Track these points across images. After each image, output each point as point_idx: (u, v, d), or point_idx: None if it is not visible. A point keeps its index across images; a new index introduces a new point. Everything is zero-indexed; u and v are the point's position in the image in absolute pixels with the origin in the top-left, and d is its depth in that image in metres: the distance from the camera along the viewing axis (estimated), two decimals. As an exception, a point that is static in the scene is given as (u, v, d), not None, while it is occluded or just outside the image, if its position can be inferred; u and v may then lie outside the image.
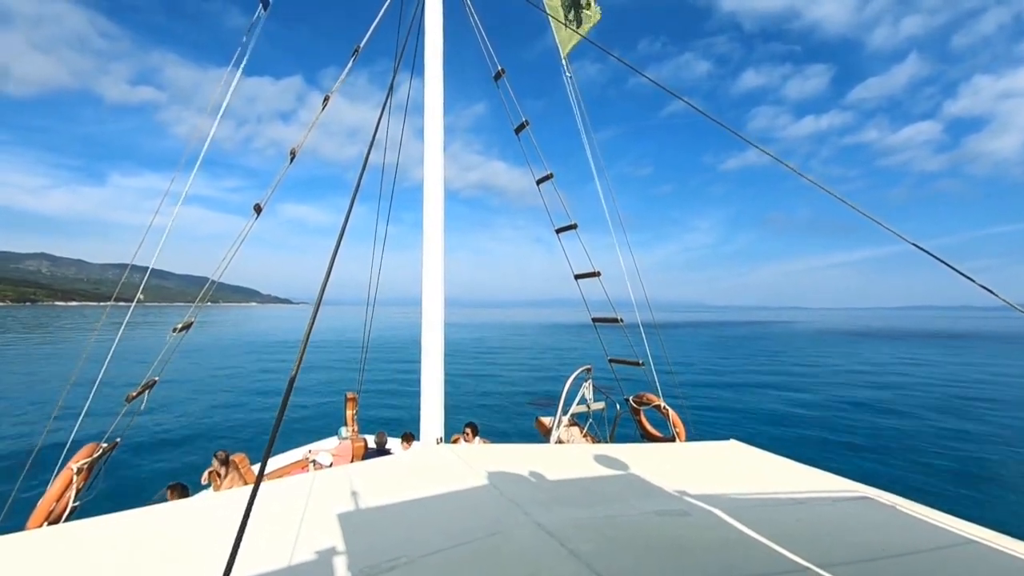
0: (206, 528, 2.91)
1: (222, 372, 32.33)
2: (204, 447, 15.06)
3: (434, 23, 6.17)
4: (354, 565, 2.31)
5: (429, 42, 6.16)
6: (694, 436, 6.49)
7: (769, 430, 18.79)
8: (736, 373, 34.61)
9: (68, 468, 4.50)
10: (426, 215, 5.95)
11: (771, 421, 20.35)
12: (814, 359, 45.44)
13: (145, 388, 5.42)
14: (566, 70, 7.89)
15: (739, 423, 19.79)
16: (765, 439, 16.11)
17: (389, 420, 17.82)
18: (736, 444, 4.63)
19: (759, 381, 30.84)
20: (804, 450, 15.60)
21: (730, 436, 4.86)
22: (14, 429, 17.51)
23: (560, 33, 7.90)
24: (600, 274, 7.25)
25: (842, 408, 22.71)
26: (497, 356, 44.61)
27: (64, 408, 5.69)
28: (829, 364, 41.49)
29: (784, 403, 23.71)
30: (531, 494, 3.22)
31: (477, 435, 8.34)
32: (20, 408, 20.93)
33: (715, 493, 3.30)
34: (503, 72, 7.26)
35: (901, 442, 17.05)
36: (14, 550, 2.62)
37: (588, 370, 7.32)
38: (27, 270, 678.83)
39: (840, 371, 36.45)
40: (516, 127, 7.38)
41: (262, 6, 6.29)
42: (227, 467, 7.19)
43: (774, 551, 2.45)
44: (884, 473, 13.94)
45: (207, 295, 6.09)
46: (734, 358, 45.44)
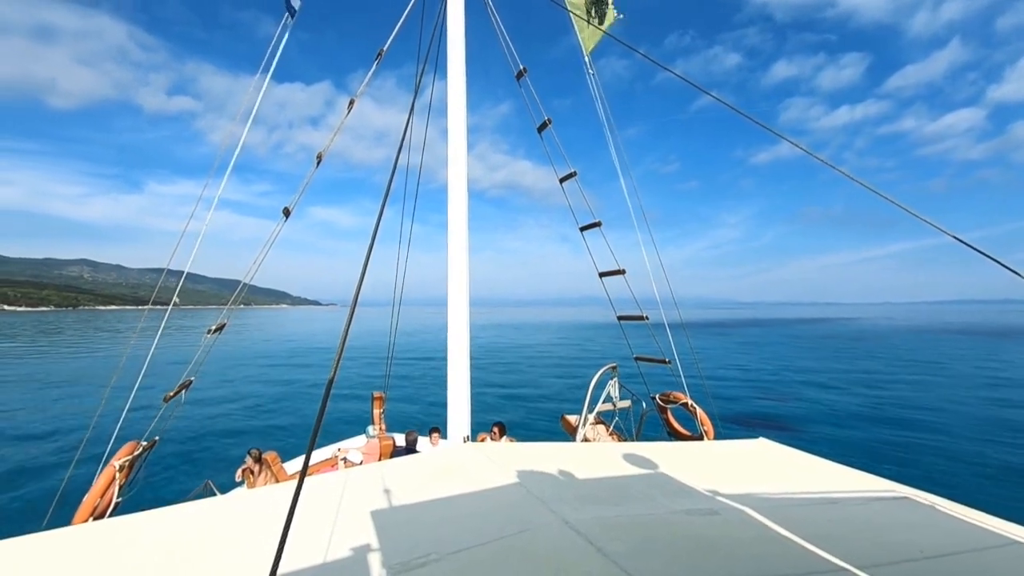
0: (242, 524, 2.99)
1: (252, 372, 33.11)
2: (237, 445, 15.49)
3: (456, 24, 6.21)
4: (388, 561, 2.34)
5: (452, 43, 6.20)
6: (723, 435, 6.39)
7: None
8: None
9: (111, 465, 4.66)
10: (451, 216, 6.00)
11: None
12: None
13: (181, 388, 5.58)
14: (589, 68, 7.84)
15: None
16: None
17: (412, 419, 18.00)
18: (766, 442, 4.54)
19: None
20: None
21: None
22: (62, 427, 18.30)
23: (583, 31, 7.86)
24: (625, 272, 7.19)
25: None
26: (522, 355, 44.54)
27: (107, 407, 5.90)
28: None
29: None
30: (559, 492, 3.22)
31: (504, 434, 8.34)
32: (66, 408, 21.81)
33: (745, 492, 3.24)
34: (525, 71, 7.26)
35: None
36: (62, 544, 2.74)
37: (614, 368, 7.27)
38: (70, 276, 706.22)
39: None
40: (538, 126, 7.37)
41: (288, 14, 6.43)
42: (260, 465, 7.36)
43: (808, 551, 2.40)
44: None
45: (239, 297, 6.25)
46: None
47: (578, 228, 7.40)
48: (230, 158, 6.17)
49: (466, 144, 6.16)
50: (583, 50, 7.92)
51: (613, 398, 7.23)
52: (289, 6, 6.51)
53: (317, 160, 5.71)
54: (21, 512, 10.68)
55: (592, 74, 7.80)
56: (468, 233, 6.06)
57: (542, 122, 7.33)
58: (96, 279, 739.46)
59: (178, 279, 6.42)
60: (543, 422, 18.82)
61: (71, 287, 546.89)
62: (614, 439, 7.19)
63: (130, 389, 5.32)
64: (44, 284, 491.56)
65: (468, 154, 6.32)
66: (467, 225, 6.05)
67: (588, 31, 7.79)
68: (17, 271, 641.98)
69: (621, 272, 7.15)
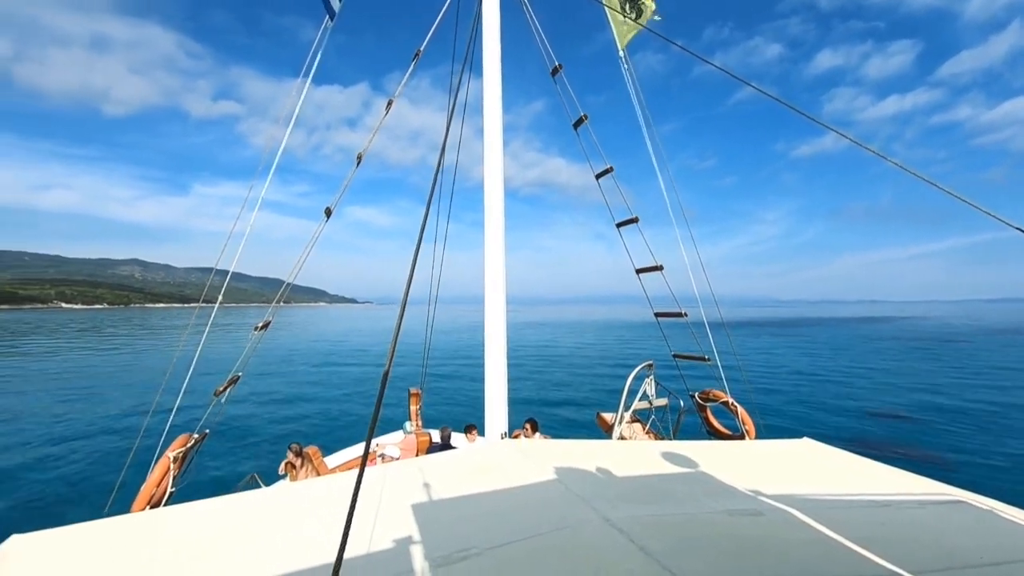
0: (287, 515, 3.08)
1: (294, 368, 34.07)
2: (280, 439, 15.98)
3: (491, 23, 6.22)
4: (429, 554, 2.38)
5: (487, 42, 6.21)
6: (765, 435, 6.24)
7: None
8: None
9: (166, 456, 4.88)
10: (487, 214, 6.02)
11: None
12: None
13: (230, 383, 5.79)
14: (624, 63, 7.74)
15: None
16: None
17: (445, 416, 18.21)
18: (810, 442, 4.38)
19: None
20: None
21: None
22: (118, 422, 19.28)
23: (618, 25, 7.76)
24: (662, 268, 7.09)
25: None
26: (556, 352, 44.43)
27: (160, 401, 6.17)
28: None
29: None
30: (597, 490, 3.20)
31: (537, 431, 8.33)
32: (123, 402, 22.94)
33: (790, 493, 3.14)
34: (560, 68, 7.23)
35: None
36: (122, 531, 2.90)
37: (650, 366, 7.17)
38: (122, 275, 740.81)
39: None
40: (574, 122, 7.33)
41: (328, 17, 6.55)
42: (302, 459, 7.57)
43: (857, 554, 2.31)
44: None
45: (283, 296, 6.43)
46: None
47: (614, 224, 7.33)
48: (272, 160, 6.33)
49: (502, 143, 6.17)
50: (618, 45, 7.82)
51: (650, 396, 7.14)
52: (329, 8, 6.63)
53: (357, 160, 5.81)
54: (85, 498, 11.34)
55: (628, 69, 7.70)
56: (504, 231, 6.07)
57: (578, 118, 7.29)
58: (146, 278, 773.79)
59: (223, 278, 6.64)
60: (577, 420, 18.76)
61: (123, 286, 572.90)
62: (651, 437, 7.11)
63: (181, 384, 5.56)
64: (99, 283, 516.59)
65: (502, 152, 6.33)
66: (503, 223, 6.07)
67: (624, 26, 7.69)
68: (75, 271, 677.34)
69: (659, 268, 7.04)
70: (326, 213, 5.85)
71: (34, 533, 2.73)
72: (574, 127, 7.38)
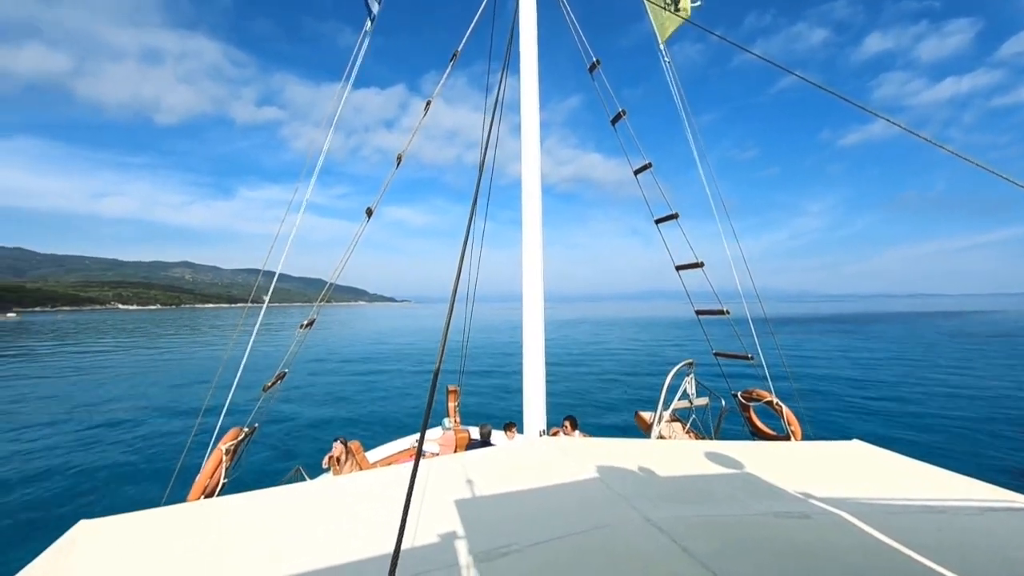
0: (331, 508, 3.16)
1: (335, 366, 34.93)
2: (324, 434, 16.45)
3: (528, 20, 6.21)
4: (472, 549, 2.40)
5: (524, 40, 6.20)
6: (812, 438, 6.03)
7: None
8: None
9: (219, 449, 5.08)
10: (524, 212, 6.02)
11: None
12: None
13: (278, 379, 5.97)
14: (664, 56, 7.59)
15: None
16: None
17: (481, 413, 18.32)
18: (861, 444, 4.19)
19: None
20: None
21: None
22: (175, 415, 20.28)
23: (657, 17, 7.62)
24: (703, 264, 6.93)
25: None
26: (593, 350, 44.12)
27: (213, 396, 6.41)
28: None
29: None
30: (638, 489, 3.15)
31: (576, 428, 8.30)
32: (179, 397, 24.06)
33: (839, 495, 3.01)
34: (598, 63, 7.15)
35: None
36: (181, 519, 3.03)
37: (690, 364, 7.04)
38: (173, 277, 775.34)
39: None
40: (612, 118, 7.24)
41: (368, 19, 6.67)
42: (346, 453, 7.77)
43: (913, 560, 2.20)
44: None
45: (325, 295, 6.60)
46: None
47: (653, 221, 7.22)
48: (313, 164, 6.48)
49: (539, 141, 6.16)
50: (657, 38, 7.67)
51: (690, 395, 7.01)
52: (369, 10, 6.73)
53: (397, 161, 5.90)
54: (146, 488, 11.95)
55: (668, 62, 7.54)
56: (542, 229, 6.07)
57: (616, 114, 7.20)
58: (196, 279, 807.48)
59: (268, 278, 6.84)
60: (615, 419, 18.60)
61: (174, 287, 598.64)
62: (691, 437, 6.98)
63: (232, 380, 5.78)
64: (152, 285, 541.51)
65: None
66: (541, 221, 6.06)
67: (663, 18, 7.54)
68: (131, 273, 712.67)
69: (700, 265, 6.90)
70: (367, 213, 5.97)
71: (101, 519, 2.88)
72: (612, 123, 7.29)
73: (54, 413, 20.44)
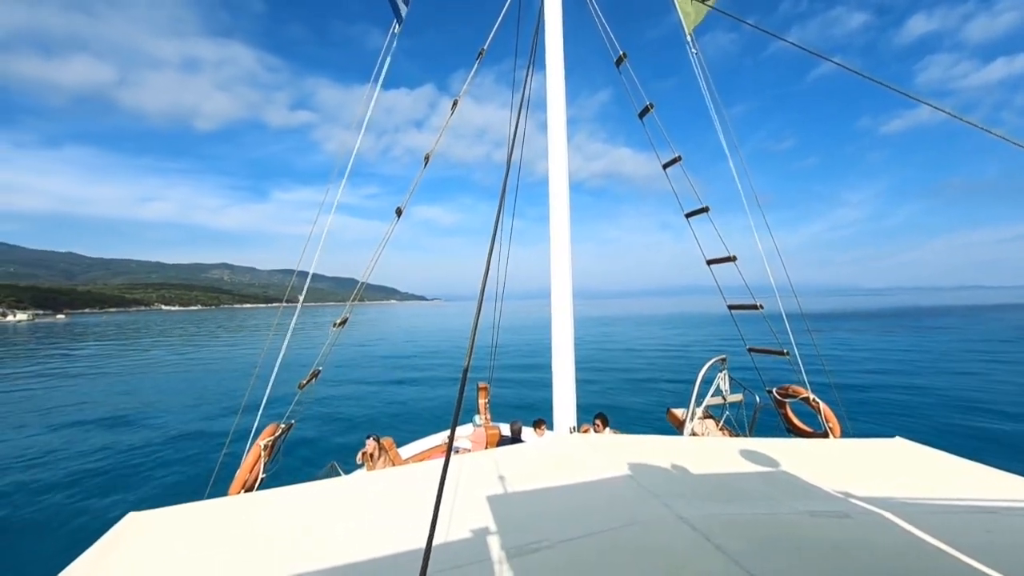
0: (366, 503, 3.23)
1: (368, 363, 35.54)
2: (357, 430, 16.79)
3: (554, 16, 6.19)
4: (504, 544, 2.42)
5: (550, 35, 6.18)
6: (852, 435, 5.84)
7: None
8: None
9: (257, 445, 5.23)
10: (552, 208, 6.01)
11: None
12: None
13: (312, 376, 6.12)
14: (692, 46, 7.45)
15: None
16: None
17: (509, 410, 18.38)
18: (904, 442, 4.02)
19: None
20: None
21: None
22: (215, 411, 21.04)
23: (683, 7, 7.48)
24: (736, 258, 6.80)
25: None
26: (624, 346, 43.72)
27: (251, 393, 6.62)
28: None
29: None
30: (670, 486, 3.11)
31: (607, 425, 8.26)
32: (218, 395, 24.91)
33: (882, 495, 2.90)
34: (625, 57, 7.06)
35: None
36: (224, 512, 3.15)
37: (723, 360, 6.91)
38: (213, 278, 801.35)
39: None
40: (640, 111, 7.14)
41: (396, 22, 6.75)
42: (379, 449, 7.91)
43: (959, 562, 2.09)
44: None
45: (358, 294, 6.72)
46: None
47: (684, 215, 7.11)
48: (344, 165, 6.59)
49: (566, 137, 6.14)
50: (685, 28, 7.53)
51: (723, 391, 6.88)
52: (397, 12, 6.80)
53: (425, 161, 5.97)
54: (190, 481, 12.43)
55: (696, 53, 7.40)
56: (570, 226, 6.05)
57: (644, 107, 7.10)
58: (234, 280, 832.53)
59: (302, 278, 6.99)
60: (646, 416, 18.41)
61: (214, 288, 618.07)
62: (725, 434, 6.86)
63: (269, 377, 5.94)
64: (193, 286, 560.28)
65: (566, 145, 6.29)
66: (569, 218, 6.04)
67: (691, 7, 7.40)
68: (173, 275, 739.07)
69: (732, 259, 6.76)
70: (397, 213, 6.05)
71: (148, 511, 3.01)
72: (639, 117, 7.20)
73: (98, 410, 21.42)
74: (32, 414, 20.82)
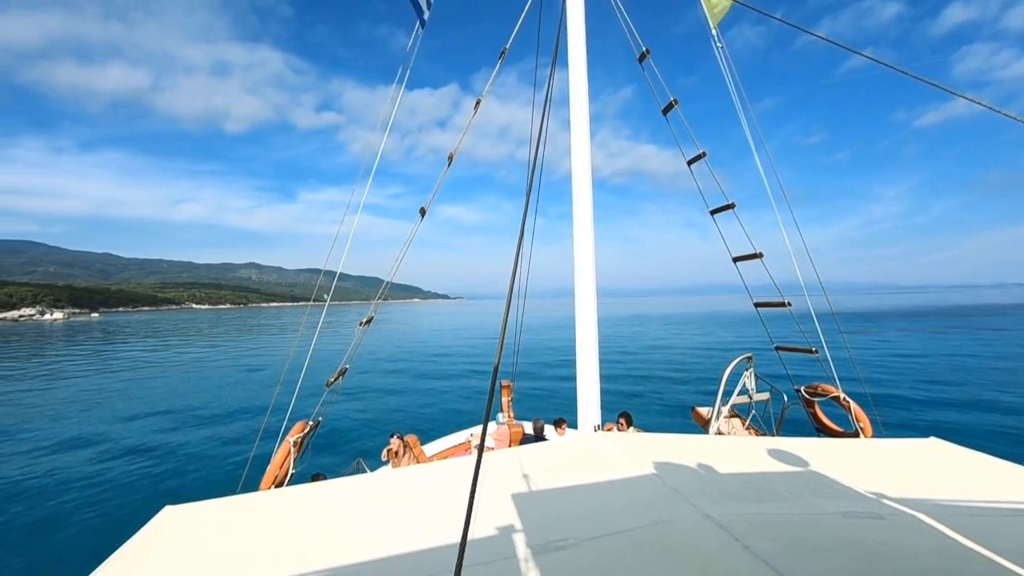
0: (392, 499, 3.27)
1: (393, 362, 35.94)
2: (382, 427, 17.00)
3: (576, 13, 6.16)
4: (530, 542, 2.43)
5: (572, 33, 6.16)
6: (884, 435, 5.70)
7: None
8: None
9: (287, 442, 5.35)
10: (576, 207, 6.00)
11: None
12: None
13: (339, 375, 6.22)
14: (717, 41, 7.33)
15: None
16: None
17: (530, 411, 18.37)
18: (939, 442, 3.89)
19: None
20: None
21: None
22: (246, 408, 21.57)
23: (708, 2, 7.36)
24: (762, 255, 6.68)
25: None
26: (647, 346, 43.33)
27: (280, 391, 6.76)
28: None
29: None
30: (697, 485, 3.08)
31: (631, 425, 8.22)
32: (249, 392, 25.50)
33: (917, 496, 2.83)
34: (648, 53, 6.99)
35: None
36: (257, 506, 3.24)
37: (749, 358, 6.80)
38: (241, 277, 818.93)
39: None
40: (664, 108, 7.07)
41: (419, 24, 6.81)
42: (404, 447, 8.00)
43: (997, 564, 2.03)
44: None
45: (383, 293, 6.80)
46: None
47: (708, 211, 7.02)
48: (369, 166, 6.67)
49: (589, 135, 6.11)
50: (710, 23, 7.41)
51: (749, 390, 6.77)
52: (419, 14, 6.87)
53: (448, 160, 6.01)
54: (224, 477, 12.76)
55: (721, 47, 7.28)
56: (594, 224, 6.03)
57: (667, 103, 7.03)
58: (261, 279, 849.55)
59: (328, 278, 7.08)
60: (670, 415, 18.25)
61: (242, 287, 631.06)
62: (751, 433, 6.75)
63: (298, 375, 6.07)
64: (222, 285, 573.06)
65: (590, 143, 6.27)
66: (592, 216, 6.02)
67: (714, 2, 7.28)
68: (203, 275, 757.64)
69: (758, 256, 6.65)
70: (421, 213, 6.11)
71: (184, 505, 3.11)
72: (663, 113, 7.13)
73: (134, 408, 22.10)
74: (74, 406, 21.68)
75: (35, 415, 20.56)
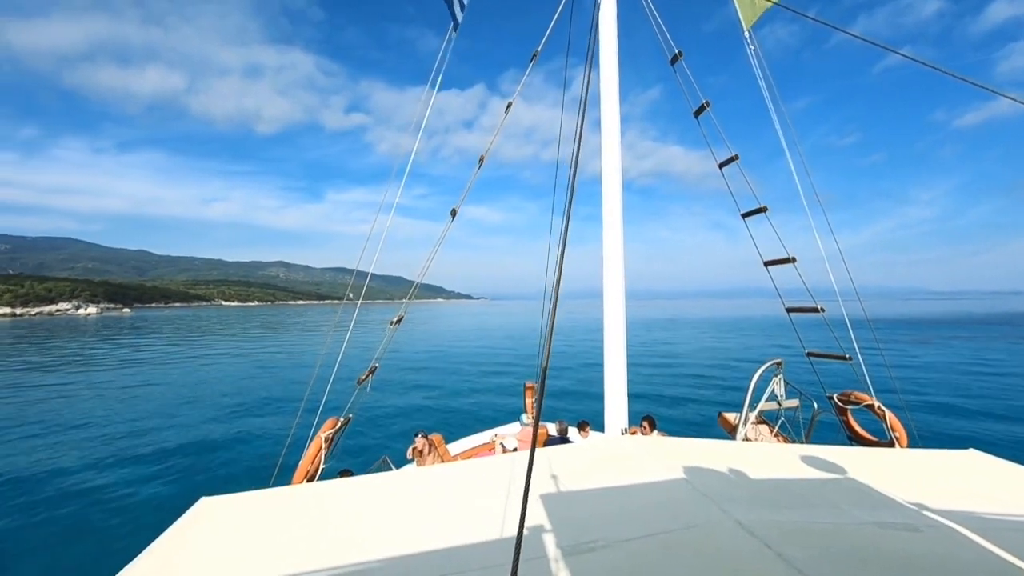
0: (416, 496, 3.33)
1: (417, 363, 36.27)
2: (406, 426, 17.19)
3: (608, 15, 6.14)
4: (560, 543, 2.45)
5: (604, 35, 6.14)
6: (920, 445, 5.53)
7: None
8: None
9: (318, 438, 5.46)
10: (605, 208, 5.99)
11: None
12: None
13: (370, 372, 6.32)
14: (750, 42, 7.21)
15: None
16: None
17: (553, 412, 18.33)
18: (977, 454, 3.78)
19: None
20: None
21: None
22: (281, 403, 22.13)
23: (742, 2, 7.25)
24: (795, 260, 6.56)
25: None
26: (672, 350, 42.83)
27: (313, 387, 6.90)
28: None
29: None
30: (726, 490, 3.06)
31: (655, 428, 8.16)
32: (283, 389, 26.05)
33: (952, 508, 2.77)
34: (680, 55, 6.92)
35: None
36: (290, 499, 3.33)
37: (779, 364, 6.67)
38: (269, 275, 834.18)
39: None
40: (695, 110, 6.99)
41: (452, 27, 6.86)
42: (429, 446, 8.08)
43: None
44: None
45: (413, 294, 6.89)
46: None
47: (740, 215, 6.92)
48: (399, 167, 6.75)
49: (619, 137, 6.09)
50: (743, 24, 7.30)
51: (778, 396, 6.65)
52: (454, 17, 6.91)
53: (479, 162, 6.06)
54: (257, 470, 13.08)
55: (754, 48, 7.17)
56: (623, 225, 6.01)
57: (699, 105, 6.95)
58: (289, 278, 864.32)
59: (355, 277, 7.18)
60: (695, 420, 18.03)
61: (270, 285, 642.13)
62: (779, 440, 6.63)
63: (329, 372, 6.18)
64: (251, 283, 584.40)
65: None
66: (622, 217, 6.01)
67: (749, 2, 7.17)
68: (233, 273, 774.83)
69: (791, 260, 6.52)
70: (452, 214, 6.17)
71: (220, 497, 3.22)
72: (695, 115, 7.05)
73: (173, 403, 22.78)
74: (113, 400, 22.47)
75: (80, 410, 21.35)
